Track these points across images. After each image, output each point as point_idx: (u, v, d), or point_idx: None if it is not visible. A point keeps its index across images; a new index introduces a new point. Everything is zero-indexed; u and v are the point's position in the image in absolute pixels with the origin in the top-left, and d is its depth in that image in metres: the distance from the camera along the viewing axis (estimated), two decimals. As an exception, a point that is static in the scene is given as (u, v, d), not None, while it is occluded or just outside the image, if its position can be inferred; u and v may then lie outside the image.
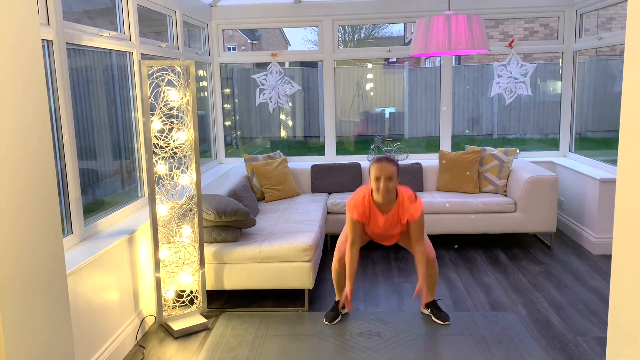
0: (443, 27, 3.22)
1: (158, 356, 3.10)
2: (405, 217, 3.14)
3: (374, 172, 3.05)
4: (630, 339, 1.36)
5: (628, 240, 1.35)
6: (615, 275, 1.42)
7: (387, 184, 3.03)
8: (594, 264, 4.39)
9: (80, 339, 2.65)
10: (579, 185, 4.94)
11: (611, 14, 9.45)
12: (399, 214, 3.16)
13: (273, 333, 3.31)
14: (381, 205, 3.14)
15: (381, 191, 3.04)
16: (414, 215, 3.12)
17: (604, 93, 9.83)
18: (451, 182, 5.12)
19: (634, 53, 1.29)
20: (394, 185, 3.06)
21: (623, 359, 1.40)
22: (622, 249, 1.38)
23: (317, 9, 5.46)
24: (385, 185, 3.02)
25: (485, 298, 3.78)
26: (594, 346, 3.07)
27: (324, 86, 5.66)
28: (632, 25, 1.29)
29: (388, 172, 3.02)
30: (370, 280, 4.18)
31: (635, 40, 1.28)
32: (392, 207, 3.16)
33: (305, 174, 5.36)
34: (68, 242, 2.89)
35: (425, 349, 3.12)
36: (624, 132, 1.35)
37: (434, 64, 11.55)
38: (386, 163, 3.04)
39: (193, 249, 3.47)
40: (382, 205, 3.14)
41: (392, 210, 3.16)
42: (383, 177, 3.02)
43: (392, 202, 3.15)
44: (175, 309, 3.49)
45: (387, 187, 3.03)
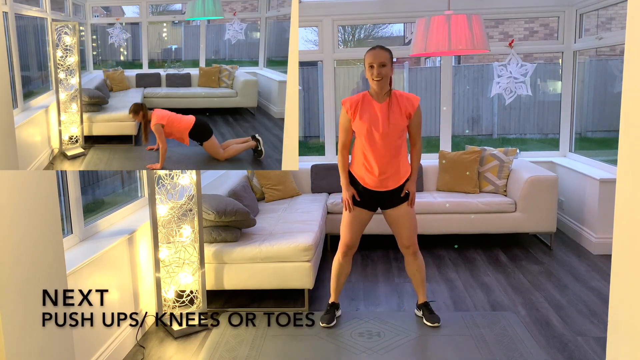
0: (443, 27, 3.22)
1: (158, 356, 3.10)
2: (406, 107, 3.13)
3: (368, 60, 3.07)
4: (630, 339, 1.36)
5: (628, 240, 1.35)
6: (615, 275, 1.42)
7: (380, 70, 3.04)
8: (594, 264, 4.39)
9: (80, 339, 2.65)
10: (579, 185, 4.94)
11: (611, 14, 9.44)
12: (398, 104, 3.14)
13: (273, 333, 3.31)
14: (376, 95, 3.14)
15: (374, 76, 3.05)
16: (414, 103, 3.14)
17: (604, 93, 9.83)
18: (451, 182, 5.12)
19: (634, 53, 1.29)
20: (387, 71, 3.07)
21: (623, 359, 1.40)
22: (622, 249, 1.38)
23: (317, 9, 5.45)
24: (378, 71, 3.04)
25: (485, 298, 3.78)
26: (594, 346, 3.07)
27: (324, 86, 5.66)
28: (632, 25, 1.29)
29: (381, 58, 3.04)
30: (370, 280, 4.18)
31: (635, 40, 1.28)
32: (388, 99, 3.14)
33: (305, 174, 5.36)
34: (68, 242, 2.89)
35: (425, 349, 3.12)
36: (624, 132, 1.35)
37: (434, 64, 11.54)
38: (379, 50, 3.07)
39: (193, 249, 3.47)
40: (378, 95, 3.14)
41: (388, 100, 3.14)
42: (376, 64, 3.03)
43: (387, 94, 3.14)
44: (175, 308, 3.49)
45: (380, 73, 3.04)
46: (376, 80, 3.06)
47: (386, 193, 3.23)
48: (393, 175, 3.19)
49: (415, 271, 3.40)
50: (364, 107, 3.15)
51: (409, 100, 3.14)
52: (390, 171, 3.18)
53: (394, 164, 3.17)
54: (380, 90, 3.11)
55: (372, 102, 3.15)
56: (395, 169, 3.18)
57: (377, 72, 3.04)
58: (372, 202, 3.27)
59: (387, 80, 3.10)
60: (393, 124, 3.11)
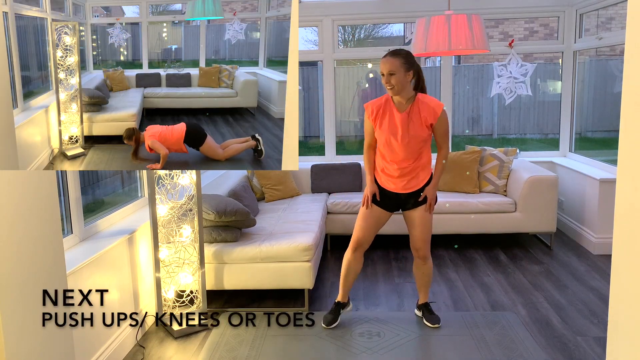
0: (443, 27, 3.22)
1: (158, 356, 3.10)
2: (426, 117, 3.03)
3: (380, 68, 3.01)
4: (630, 339, 1.36)
5: (628, 240, 1.35)
6: (615, 275, 1.42)
7: (389, 78, 2.95)
8: (594, 264, 4.39)
9: (80, 339, 2.65)
10: (579, 185, 4.94)
11: (611, 14, 9.44)
12: (419, 113, 3.04)
13: (273, 333, 3.31)
14: (397, 102, 3.06)
15: (386, 85, 2.99)
16: (437, 112, 3.02)
17: (604, 93, 9.83)
18: (451, 182, 5.12)
19: (634, 53, 1.29)
20: (399, 79, 2.95)
21: (623, 359, 1.40)
22: (622, 249, 1.38)
23: (317, 9, 5.45)
24: (387, 80, 2.96)
25: (485, 298, 3.78)
26: (594, 346, 3.07)
27: (324, 86, 5.66)
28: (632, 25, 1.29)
29: (390, 66, 2.94)
30: (370, 280, 4.18)
31: (635, 40, 1.28)
32: (410, 106, 3.05)
33: (305, 174, 5.36)
34: (68, 242, 2.89)
35: (425, 349, 3.12)
36: (624, 132, 1.35)
37: (434, 64, 11.54)
38: (389, 57, 2.97)
39: (193, 249, 3.47)
40: (399, 103, 3.06)
41: (409, 108, 3.04)
42: (386, 72, 2.96)
43: (409, 101, 3.05)
44: (175, 308, 3.49)
45: (390, 82, 2.95)
46: (389, 89, 3.01)
47: (405, 195, 3.19)
48: (412, 180, 3.15)
49: (421, 274, 3.39)
50: (384, 115, 3.09)
51: (431, 109, 3.03)
52: (409, 176, 3.14)
53: (415, 169, 3.14)
54: (399, 98, 3.04)
55: (392, 110, 3.07)
56: (414, 174, 3.14)
57: (387, 81, 2.97)
58: (390, 204, 3.24)
59: (402, 88, 2.99)
60: (413, 135, 3.04)
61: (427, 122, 3.04)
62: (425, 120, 3.04)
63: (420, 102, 3.05)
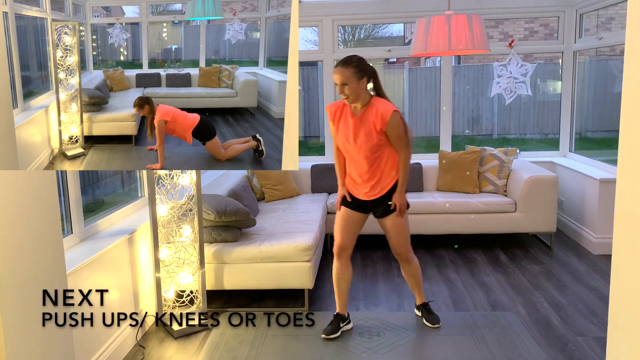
0: (443, 27, 3.22)
1: (158, 356, 3.10)
2: (377, 120, 2.97)
3: (333, 78, 2.99)
4: (630, 339, 1.36)
5: (628, 240, 1.35)
6: (615, 275, 1.42)
7: (342, 88, 2.93)
8: (594, 264, 4.39)
9: (80, 339, 2.65)
10: (579, 185, 4.94)
11: (611, 14, 9.44)
12: (370, 119, 3.00)
13: (273, 333, 3.31)
14: (353, 106, 3.04)
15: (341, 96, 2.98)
16: (385, 118, 2.94)
17: (604, 93, 9.83)
18: (451, 182, 5.12)
19: (634, 53, 1.29)
20: (352, 90, 2.92)
21: (623, 359, 1.40)
22: (622, 249, 1.38)
23: (317, 9, 5.46)
24: (341, 90, 2.95)
25: (485, 298, 3.78)
26: (594, 346, 3.07)
27: (324, 86, 5.66)
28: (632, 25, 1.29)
29: (341, 77, 2.92)
30: (370, 280, 4.18)
31: (635, 40, 1.28)
32: (363, 111, 3.01)
33: (305, 174, 5.36)
34: (68, 242, 2.89)
35: (425, 349, 3.12)
36: (624, 132, 1.35)
37: (434, 64, 11.55)
38: (340, 67, 2.93)
39: (193, 249, 3.47)
40: (354, 106, 3.04)
41: (362, 113, 3.01)
42: (339, 83, 2.94)
43: (363, 106, 3.02)
44: (175, 308, 3.49)
45: (344, 92, 2.94)
46: (344, 98, 3.00)
47: (372, 202, 3.15)
48: (375, 185, 3.10)
49: (409, 276, 3.37)
50: (341, 118, 3.08)
51: (380, 114, 2.97)
52: (371, 182, 3.10)
53: (375, 175, 3.09)
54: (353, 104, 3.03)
55: (348, 114, 3.06)
56: (376, 180, 3.09)
57: (341, 91, 2.95)
58: (361, 208, 3.21)
59: (357, 96, 2.96)
60: (364, 140, 3.01)
61: (376, 128, 2.98)
62: (374, 126, 2.99)
63: (374, 107, 3.00)
